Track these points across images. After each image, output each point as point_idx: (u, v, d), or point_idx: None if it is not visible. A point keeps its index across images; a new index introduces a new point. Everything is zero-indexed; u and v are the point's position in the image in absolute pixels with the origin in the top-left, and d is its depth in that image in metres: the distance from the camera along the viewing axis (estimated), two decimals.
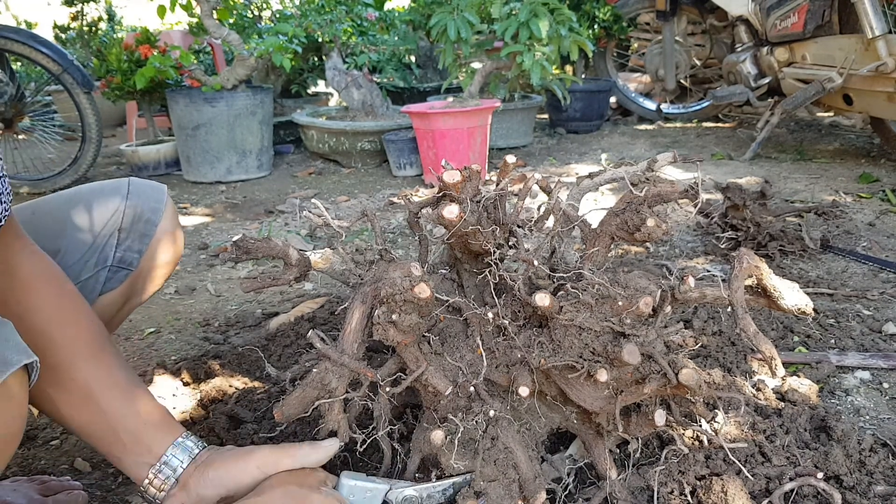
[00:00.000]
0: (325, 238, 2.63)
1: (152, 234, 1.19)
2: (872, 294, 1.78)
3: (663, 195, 0.97)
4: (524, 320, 0.99)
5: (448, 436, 0.92)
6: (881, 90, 2.95)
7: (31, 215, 1.13)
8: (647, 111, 5.00)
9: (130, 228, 1.16)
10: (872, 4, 2.90)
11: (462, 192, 0.92)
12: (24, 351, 0.72)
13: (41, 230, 1.10)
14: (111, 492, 1.19)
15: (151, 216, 1.19)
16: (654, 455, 1.15)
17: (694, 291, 0.94)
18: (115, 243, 1.15)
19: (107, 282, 1.15)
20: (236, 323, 1.87)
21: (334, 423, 0.97)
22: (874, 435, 1.19)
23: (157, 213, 1.19)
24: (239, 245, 0.98)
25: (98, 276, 1.14)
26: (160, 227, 1.20)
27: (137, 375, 1.00)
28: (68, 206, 1.15)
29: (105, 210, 1.15)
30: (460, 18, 3.38)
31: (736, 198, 2.12)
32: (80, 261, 1.12)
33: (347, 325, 0.96)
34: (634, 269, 0.95)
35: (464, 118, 3.24)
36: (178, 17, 6.93)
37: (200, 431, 1.34)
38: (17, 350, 0.71)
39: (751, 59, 3.72)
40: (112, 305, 1.18)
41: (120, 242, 1.16)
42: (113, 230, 1.15)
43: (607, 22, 4.78)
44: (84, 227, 1.13)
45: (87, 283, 1.13)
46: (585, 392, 0.96)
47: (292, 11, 4.81)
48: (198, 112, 3.70)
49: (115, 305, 1.19)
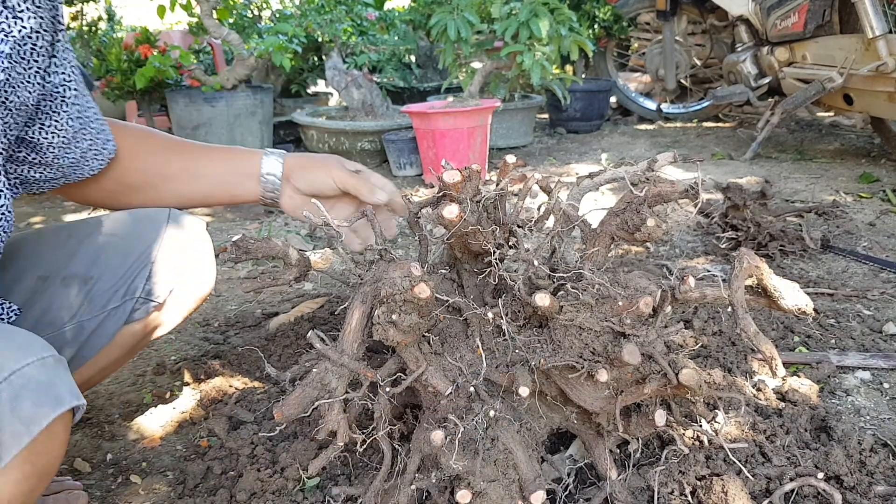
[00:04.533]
0: (325, 238, 2.63)
1: (185, 269, 1.16)
2: (873, 294, 1.78)
3: (663, 195, 0.96)
4: (524, 320, 0.99)
5: (448, 436, 0.92)
6: (881, 90, 2.95)
7: (69, 237, 1.12)
8: (647, 111, 5.00)
9: (164, 262, 1.14)
10: (873, 4, 2.90)
11: (462, 192, 0.92)
12: (74, 393, 0.75)
13: (78, 255, 1.10)
14: (111, 492, 1.19)
15: (186, 251, 1.16)
16: (655, 455, 1.15)
17: (694, 291, 0.94)
18: (147, 275, 1.12)
19: (132, 312, 1.12)
20: (236, 323, 1.87)
21: (334, 423, 0.97)
22: (875, 435, 1.19)
23: (193, 248, 1.17)
24: (239, 245, 0.98)
25: (125, 307, 1.11)
26: (194, 262, 1.17)
27: (206, 148, 1.25)
28: (106, 233, 1.14)
29: (141, 241, 1.13)
30: (460, 18, 3.37)
31: (736, 198, 2.11)
32: (109, 290, 1.10)
33: (347, 325, 0.96)
34: (634, 269, 0.95)
35: (464, 118, 3.24)
36: (178, 17, 6.92)
37: (200, 431, 1.34)
38: (70, 391, 0.75)
39: (751, 59, 3.72)
40: (134, 336, 1.16)
41: (151, 275, 1.13)
42: (146, 262, 1.12)
43: (607, 22, 4.78)
44: (118, 257, 1.11)
45: (113, 313, 1.11)
46: (585, 392, 0.96)
47: (292, 11, 4.81)
48: (198, 112, 3.70)
49: (137, 336, 1.16)
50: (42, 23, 0.85)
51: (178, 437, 1.35)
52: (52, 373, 0.74)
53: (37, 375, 0.72)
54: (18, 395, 0.69)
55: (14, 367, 0.70)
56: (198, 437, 1.32)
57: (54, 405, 0.72)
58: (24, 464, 0.69)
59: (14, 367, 0.70)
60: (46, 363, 0.74)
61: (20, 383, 0.70)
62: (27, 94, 0.87)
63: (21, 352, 0.73)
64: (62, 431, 0.74)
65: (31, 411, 0.70)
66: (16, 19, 0.81)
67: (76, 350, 1.08)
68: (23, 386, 0.70)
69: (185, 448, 1.30)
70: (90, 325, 1.09)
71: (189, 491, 1.16)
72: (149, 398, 1.49)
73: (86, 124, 1.03)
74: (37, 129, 0.97)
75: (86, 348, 1.10)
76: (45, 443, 0.71)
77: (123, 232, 1.14)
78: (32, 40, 0.85)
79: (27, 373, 0.71)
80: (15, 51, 0.82)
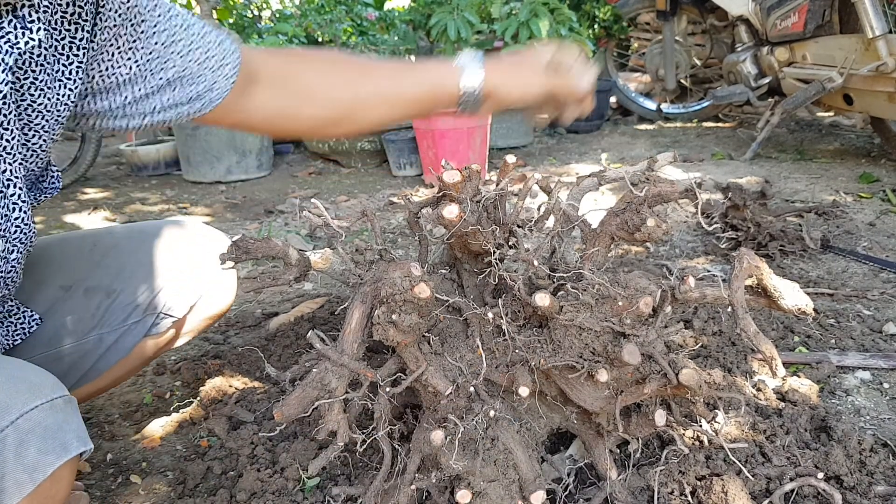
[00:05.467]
0: (324, 238, 2.63)
1: (207, 284, 1.15)
2: (873, 294, 1.78)
3: (663, 195, 0.96)
4: (524, 320, 0.99)
5: (448, 436, 0.92)
6: (881, 90, 2.95)
7: (93, 247, 1.12)
8: (647, 111, 5.00)
9: (186, 277, 1.13)
10: (873, 4, 2.90)
11: (462, 192, 0.92)
12: (82, 438, 0.73)
13: (102, 267, 1.09)
14: (111, 492, 1.19)
15: (209, 266, 1.15)
16: (655, 455, 1.15)
17: (694, 291, 0.94)
18: (170, 291, 1.12)
19: (152, 327, 1.12)
20: (236, 323, 1.87)
21: (334, 423, 0.97)
22: (874, 435, 1.19)
23: (216, 263, 1.13)
24: (239, 245, 0.98)
25: (145, 322, 1.11)
26: (215, 278, 1.16)
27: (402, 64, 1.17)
28: (130, 247, 1.13)
29: (165, 256, 1.12)
30: (460, 18, 3.37)
31: (736, 198, 2.11)
32: (131, 304, 1.09)
33: (347, 325, 0.96)
34: (634, 269, 0.95)
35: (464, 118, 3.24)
36: None
37: (200, 431, 1.34)
38: (77, 435, 0.73)
39: (751, 59, 3.71)
40: (151, 349, 1.16)
41: (174, 291, 1.12)
42: (169, 278, 1.12)
43: (607, 22, 4.78)
44: (142, 271, 1.11)
45: (133, 327, 1.10)
46: (585, 392, 0.96)
47: (292, 11, 4.80)
48: None
49: (154, 348, 1.16)
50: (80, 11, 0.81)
51: (178, 437, 1.35)
52: (60, 416, 0.72)
53: (44, 420, 0.70)
54: (24, 441, 0.67)
55: (22, 410, 0.68)
56: (198, 437, 1.32)
57: (60, 453, 0.70)
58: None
59: (22, 409, 0.68)
60: (55, 406, 0.72)
61: (27, 427, 0.68)
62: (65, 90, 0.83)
63: (30, 393, 0.70)
64: (67, 476, 0.72)
65: (35, 458, 0.68)
66: (25, 29, 0.77)
67: (93, 362, 1.08)
68: (29, 431, 0.68)
69: (185, 448, 1.30)
70: (110, 338, 1.08)
71: (189, 491, 1.16)
72: (149, 398, 1.49)
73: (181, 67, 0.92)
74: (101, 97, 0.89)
75: (103, 361, 1.09)
76: (49, 489, 0.70)
77: (147, 245, 1.13)
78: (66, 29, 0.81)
79: (35, 417, 0.69)
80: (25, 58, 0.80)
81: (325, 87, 1.05)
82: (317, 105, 1.05)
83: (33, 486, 0.67)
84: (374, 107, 1.07)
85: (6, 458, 0.66)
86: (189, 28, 0.92)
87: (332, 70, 1.06)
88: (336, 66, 1.07)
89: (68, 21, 0.81)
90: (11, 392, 0.69)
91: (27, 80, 0.80)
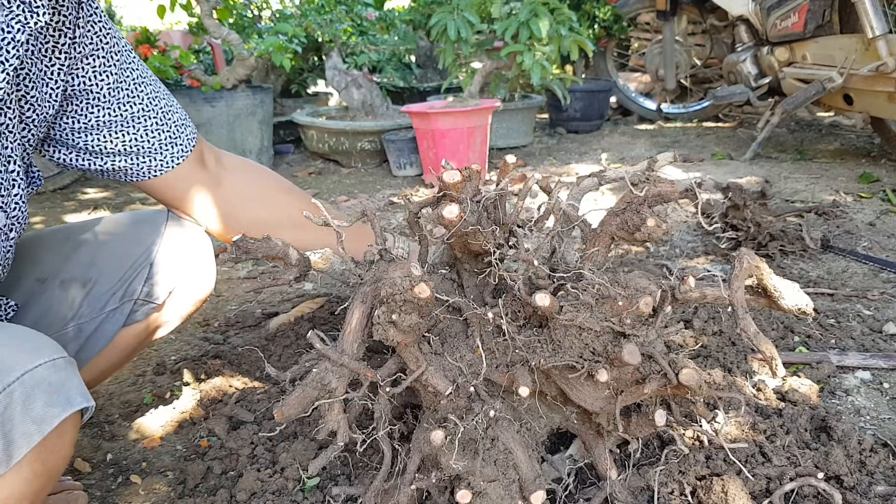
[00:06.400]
0: None
1: (184, 271, 1.16)
2: (873, 294, 1.78)
3: (663, 195, 0.96)
4: (524, 320, 0.99)
5: (448, 436, 0.92)
6: (881, 90, 2.95)
7: (66, 240, 1.12)
8: (647, 111, 5.00)
9: (162, 263, 1.14)
10: (873, 4, 2.90)
11: (462, 192, 0.92)
12: (84, 394, 0.77)
13: (76, 258, 1.10)
14: (111, 492, 1.19)
15: (185, 253, 1.16)
16: (655, 455, 1.15)
17: (694, 291, 0.94)
18: (145, 277, 1.12)
19: (131, 314, 1.13)
20: (236, 323, 1.87)
21: (334, 423, 0.97)
22: (875, 435, 1.19)
23: (193, 249, 1.16)
24: (239, 245, 0.98)
25: (123, 309, 1.12)
26: (193, 264, 1.17)
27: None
28: (104, 235, 1.14)
29: (139, 243, 1.13)
30: (460, 18, 3.37)
31: (736, 198, 2.11)
32: (108, 292, 1.10)
33: (347, 325, 0.96)
34: (634, 269, 0.95)
35: (464, 118, 3.24)
36: (178, 17, 6.92)
37: (200, 431, 1.34)
38: (80, 392, 0.76)
39: (751, 59, 3.71)
40: (134, 338, 1.16)
41: (149, 277, 1.13)
42: (144, 264, 1.12)
43: (607, 22, 4.78)
44: (117, 259, 1.11)
45: (111, 315, 1.11)
46: (585, 392, 0.96)
47: (292, 11, 4.81)
48: (197, 112, 3.70)
49: (137, 337, 1.17)
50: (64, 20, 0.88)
51: (178, 437, 1.35)
52: (62, 374, 0.75)
53: (48, 376, 0.73)
54: (30, 395, 0.71)
55: (26, 368, 0.72)
56: (198, 437, 1.32)
57: (65, 406, 0.73)
58: (34, 462, 0.71)
59: (26, 367, 0.72)
60: (57, 364, 0.75)
61: (32, 383, 0.71)
62: (48, 88, 0.90)
63: (33, 353, 0.74)
64: (71, 431, 0.76)
65: (42, 411, 0.71)
66: (32, 13, 0.83)
67: (75, 353, 1.09)
68: (35, 386, 0.71)
69: (185, 448, 1.30)
70: (89, 327, 1.09)
71: (189, 491, 1.16)
72: (149, 398, 1.49)
73: (137, 122, 1.07)
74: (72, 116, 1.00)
75: (85, 350, 1.10)
76: (55, 442, 0.73)
77: (122, 234, 1.14)
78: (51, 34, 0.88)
79: (39, 373, 0.72)
80: (33, 39, 0.85)
81: (253, 215, 1.21)
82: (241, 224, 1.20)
83: (40, 437, 0.71)
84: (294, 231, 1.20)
85: (14, 410, 0.69)
86: (156, 100, 1.09)
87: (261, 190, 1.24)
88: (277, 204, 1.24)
89: (58, 12, 0.88)
90: (16, 352, 0.73)
91: (23, 71, 0.84)
